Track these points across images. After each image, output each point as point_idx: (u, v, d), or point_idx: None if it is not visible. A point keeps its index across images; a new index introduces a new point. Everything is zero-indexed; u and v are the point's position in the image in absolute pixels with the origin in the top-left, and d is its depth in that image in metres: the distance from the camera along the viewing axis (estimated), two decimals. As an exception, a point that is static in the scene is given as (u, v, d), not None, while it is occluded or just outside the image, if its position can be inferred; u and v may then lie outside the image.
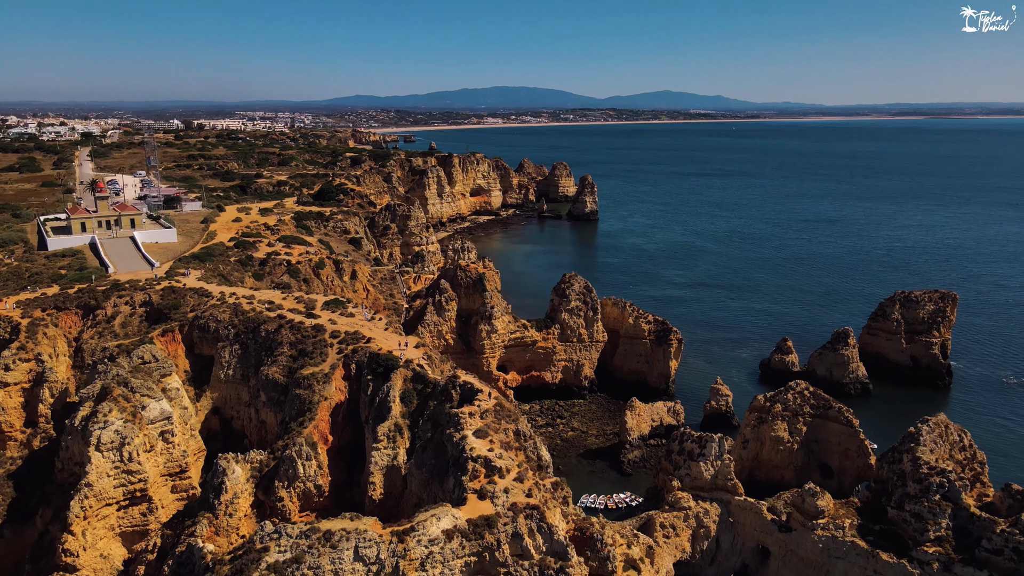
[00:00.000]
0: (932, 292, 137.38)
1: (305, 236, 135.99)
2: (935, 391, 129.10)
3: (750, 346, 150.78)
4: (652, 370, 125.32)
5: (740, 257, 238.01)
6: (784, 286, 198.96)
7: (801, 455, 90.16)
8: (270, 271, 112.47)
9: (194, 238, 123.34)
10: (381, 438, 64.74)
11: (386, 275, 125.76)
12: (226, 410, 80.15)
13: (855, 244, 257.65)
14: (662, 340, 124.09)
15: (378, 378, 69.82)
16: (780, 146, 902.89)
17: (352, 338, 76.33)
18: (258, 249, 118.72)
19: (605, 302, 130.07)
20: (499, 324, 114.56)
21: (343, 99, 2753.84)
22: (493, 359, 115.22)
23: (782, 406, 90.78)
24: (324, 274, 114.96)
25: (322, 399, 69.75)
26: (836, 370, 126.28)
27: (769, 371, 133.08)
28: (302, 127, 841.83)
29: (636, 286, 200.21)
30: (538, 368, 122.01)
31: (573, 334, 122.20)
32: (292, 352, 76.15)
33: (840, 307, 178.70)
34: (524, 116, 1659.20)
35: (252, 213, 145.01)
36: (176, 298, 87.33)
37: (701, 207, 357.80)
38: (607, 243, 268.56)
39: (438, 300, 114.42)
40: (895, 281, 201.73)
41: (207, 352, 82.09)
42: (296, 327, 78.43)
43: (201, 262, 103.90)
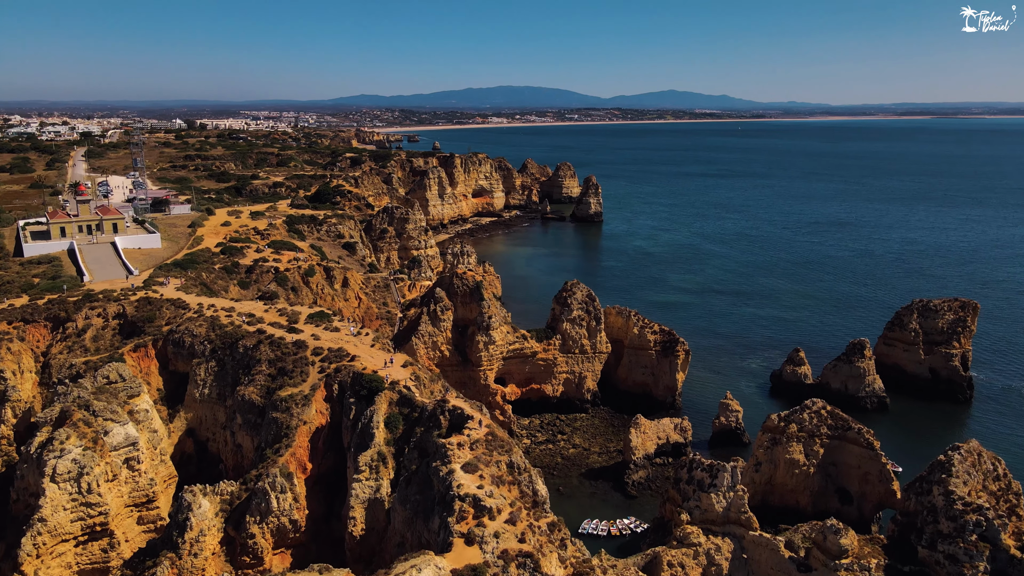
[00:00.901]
0: (951, 301, 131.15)
1: (296, 241, 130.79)
2: (955, 405, 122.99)
3: (760, 356, 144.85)
4: (658, 382, 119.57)
5: (748, 261, 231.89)
6: (794, 292, 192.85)
7: (818, 479, 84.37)
8: (257, 279, 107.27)
9: (179, 243, 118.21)
10: (363, 468, 59.24)
11: (379, 283, 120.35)
12: (201, 432, 74.81)
13: (866, 247, 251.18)
14: (668, 351, 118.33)
15: (361, 401, 64.33)
16: (787, 146, 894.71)
17: (335, 356, 70.89)
18: (245, 255, 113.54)
19: (609, 311, 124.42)
20: (497, 335, 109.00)
21: (348, 98, 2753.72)
22: (491, 371, 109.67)
23: (797, 426, 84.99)
24: (314, 282, 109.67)
25: (300, 423, 64.35)
26: (851, 383, 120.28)
27: (781, 383, 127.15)
28: (306, 127, 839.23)
29: (641, 291, 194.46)
30: (538, 380, 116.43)
31: (575, 345, 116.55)
32: (271, 371, 70.73)
33: (852, 314, 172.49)
34: (529, 116, 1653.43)
35: (242, 217, 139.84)
36: (152, 310, 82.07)
37: (707, 208, 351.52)
38: (611, 246, 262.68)
39: (433, 310, 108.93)
40: (908, 287, 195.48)
41: (182, 369, 76.78)
42: (276, 343, 73.02)
43: (183, 270, 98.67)
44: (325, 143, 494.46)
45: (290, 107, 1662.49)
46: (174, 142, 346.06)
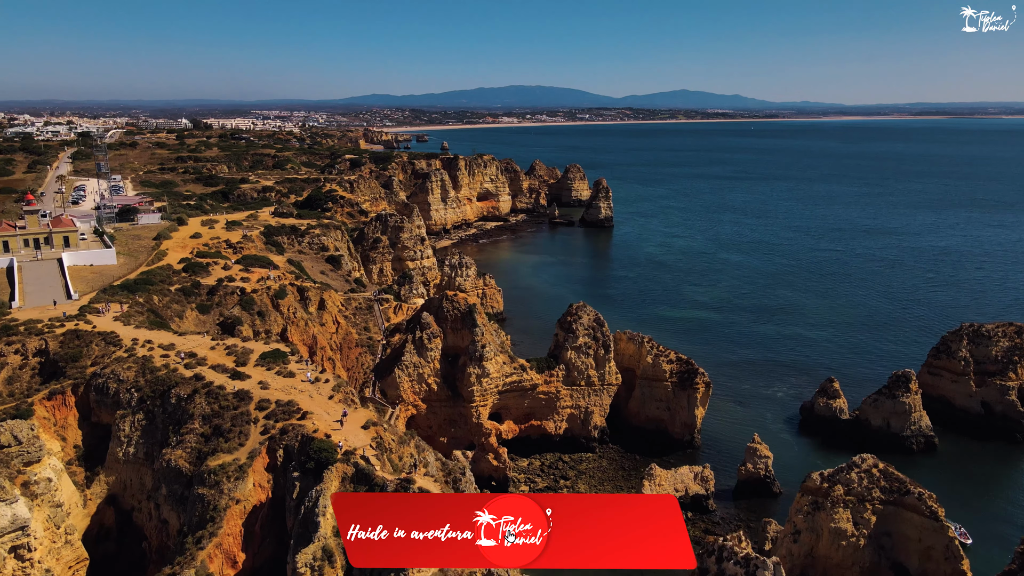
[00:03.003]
0: (1006, 325, 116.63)
1: (273, 255, 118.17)
2: (1012, 445, 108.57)
3: (786, 382, 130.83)
4: (674, 418, 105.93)
5: (768, 271, 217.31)
6: (820, 307, 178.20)
7: (869, 553, 70.54)
8: (220, 301, 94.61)
9: (139, 259, 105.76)
10: (302, 570, 46.24)
11: (362, 304, 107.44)
12: (124, 499, 62.05)
13: (895, 256, 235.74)
14: (687, 383, 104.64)
15: (307, 475, 51.33)
16: (802, 146, 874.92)
17: (284, 411, 57.95)
18: (210, 273, 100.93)
19: (619, 337, 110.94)
20: (491, 366, 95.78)
21: (360, 98, 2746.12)
22: (484, 408, 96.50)
23: (844, 488, 71.24)
24: (285, 304, 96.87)
25: (232, 503, 51.45)
26: (895, 420, 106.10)
27: (812, 417, 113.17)
28: (314, 126, 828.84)
29: (653, 305, 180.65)
30: (539, 416, 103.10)
31: (581, 376, 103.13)
32: (205, 429, 57.85)
33: (886, 334, 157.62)
34: (540, 115, 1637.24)
35: (217, 227, 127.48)
36: (78, 346, 69.44)
37: (723, 212, 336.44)
38: (622, 254, 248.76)
39: (419, 337, 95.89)
40: (946, 302, 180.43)
41: (106, 420, 64.04)
42: (214, 393, 60.16)
43: (131, 293, 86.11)
44: (329, 143, 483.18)
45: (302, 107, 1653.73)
46: (171, 143, 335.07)
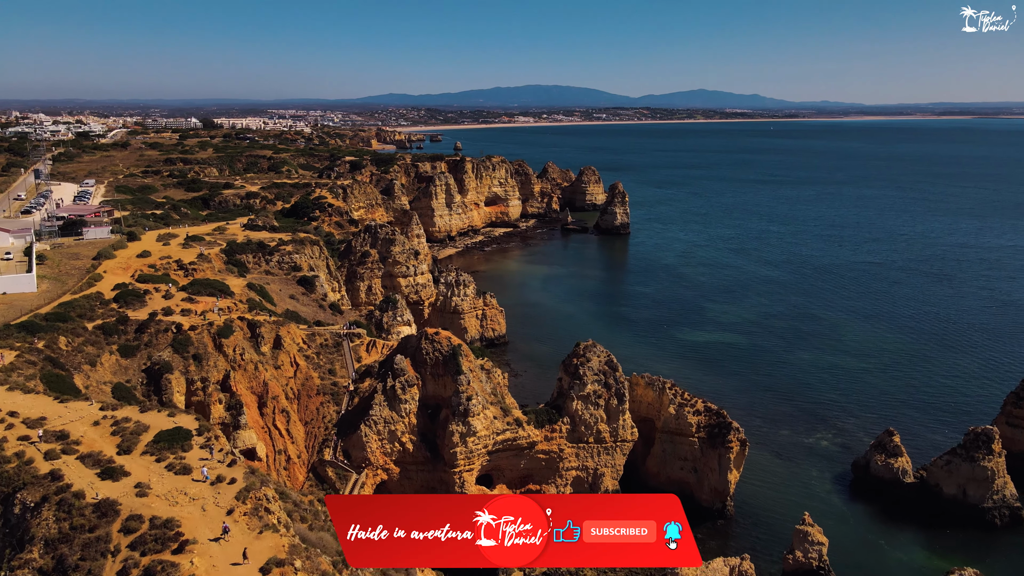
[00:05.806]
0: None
1: (232, 278, 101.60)
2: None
3: (830, 428, 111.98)
4: (702, 483, 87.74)
5: (801, 287, 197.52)
6: (862, 333, 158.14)
7: None
8: (149, 341, 77.95)
9: (67, 284, 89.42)
10: None
11: (328, 340, 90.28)
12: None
13: (942, 269, 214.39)
14: (717, 441, 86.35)
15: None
16: (825, 147, 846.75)
17: (157, 538, 40.59)
18: (146, 303, 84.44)
19: (636, 381, 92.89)
20: (479, 422, 78.18)
21: (376, 97, 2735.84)
22: (470, 472, 78.94)
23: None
24: (231, 344, 79.94)
25: None
26: (973, 488, 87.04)
27: (868, 478, 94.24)
28: (328, 126, 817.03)
29: (673, 327, 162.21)
30: (538, 480, 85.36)
31: (588, 431, 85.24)
32: (46, 560, 40.86)
33: (941, 367, 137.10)
34: (556, 115, 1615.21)
35: (174, 243, 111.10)
36: (-77, 419, 52.84)
37: (748, 219, 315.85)
38: (639, 265, 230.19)
39: (391, 386, 78.60)
40: (1008, 328, 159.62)
41: (-63, 530, 47.45)
42: (68, 505, 43.11)
43: (30, 334, 69.60)
44: (337, 143, 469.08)
45: (318, 106, 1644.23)
46: (169, 143, 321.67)
